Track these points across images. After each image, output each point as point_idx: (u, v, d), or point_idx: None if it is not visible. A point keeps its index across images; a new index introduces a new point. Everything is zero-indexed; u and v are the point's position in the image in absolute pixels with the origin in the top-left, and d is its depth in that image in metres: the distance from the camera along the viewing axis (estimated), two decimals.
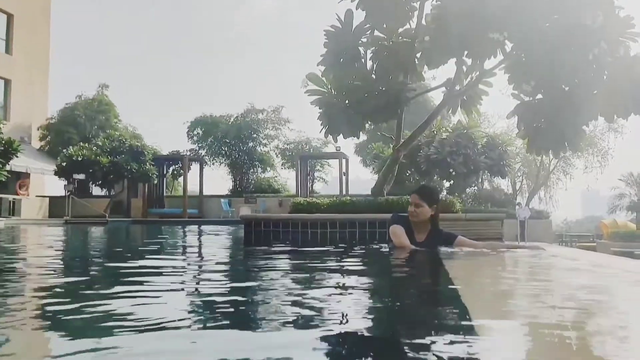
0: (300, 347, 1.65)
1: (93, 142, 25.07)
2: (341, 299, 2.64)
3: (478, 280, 3.50)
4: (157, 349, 1.63)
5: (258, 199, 25.08)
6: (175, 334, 1.82)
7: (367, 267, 4.59)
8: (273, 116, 31.03)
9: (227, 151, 30.47)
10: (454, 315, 2.18)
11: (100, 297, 2.71)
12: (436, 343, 1.65)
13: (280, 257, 5.49)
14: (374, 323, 2.06)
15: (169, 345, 1.68)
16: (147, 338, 1.76)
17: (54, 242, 9.14)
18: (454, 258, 4.56)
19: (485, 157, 18.48)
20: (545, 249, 5.36)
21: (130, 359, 1.51)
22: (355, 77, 9.41)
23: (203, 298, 2.73)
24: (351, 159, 27.16)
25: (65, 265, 5.03)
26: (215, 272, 4.26)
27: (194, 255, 6.39)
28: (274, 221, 7.79)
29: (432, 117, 10.56)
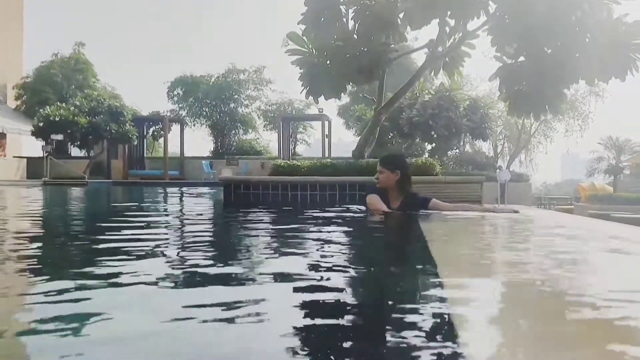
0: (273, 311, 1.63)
1: (71, 102, 24.54)
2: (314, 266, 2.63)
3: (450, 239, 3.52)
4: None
5: (240, 161, 24.92)
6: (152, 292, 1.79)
7: (341, 228, 4.60)
8: (255, 77, 30.59)
9: (208, 112, 30.09)
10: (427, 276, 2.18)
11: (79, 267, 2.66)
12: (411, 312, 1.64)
13: (259, 219, 5.48)
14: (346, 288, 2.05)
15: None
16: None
17: (33, 204, 9.01)
18: (430, 220, 4.59)
19: (467, 119, 18.50)
20: (519, 212, 5.42)
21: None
22: (337, 37, 9.24)
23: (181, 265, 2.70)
24: (334, 121, 27.02)
25: (43, 230, 4.96)
26: (194, 237, 4.22)
27: (173, 219, 6.34)
28: (254, 183, 7.75)
29: (414, 79, 10.47)
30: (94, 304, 1.70)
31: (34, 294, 1.91)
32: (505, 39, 8.77)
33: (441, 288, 1.88)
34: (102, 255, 2.87)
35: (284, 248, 3.27)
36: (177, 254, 3.01)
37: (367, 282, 2.21)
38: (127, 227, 4.62)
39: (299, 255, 2.91)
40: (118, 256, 2.74)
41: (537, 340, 1.34)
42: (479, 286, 1.99)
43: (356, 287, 2.11)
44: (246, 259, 2.78)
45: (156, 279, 2.12)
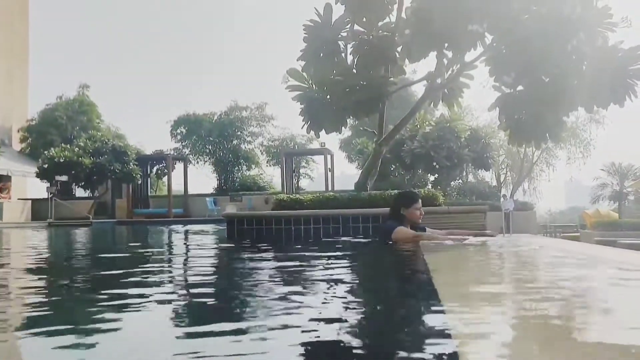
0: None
1: (75, 143, 24.75)
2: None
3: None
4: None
5: (244, 197, 24.94)
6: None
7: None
8: (257, 113, 30.88)
9: (212, 149, 30.29)
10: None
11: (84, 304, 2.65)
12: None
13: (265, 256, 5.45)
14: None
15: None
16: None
17: (37, 245, 9.00)
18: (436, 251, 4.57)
19: (469, 149, 18.56)
20: (495, 235, 5.89)
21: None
22: (336, 71, 9.36)
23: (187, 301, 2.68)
24: (336, 154, 27.13)
25: (46, 269, 4.95)
26: (198, 274, 4.20)
27: (177, 257, 6.32)
28: (257, 218, 7.74)
29: (414, 111, 10.55)
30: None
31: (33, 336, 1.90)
32: (502, 68, 8.86)
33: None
34: (102, 299, 2.85)
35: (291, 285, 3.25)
36: (179, 295, 2.99)
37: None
38: (130, 267, 4.61)
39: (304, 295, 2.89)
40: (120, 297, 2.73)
41: None
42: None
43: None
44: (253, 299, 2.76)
45: (162, 320, 2.11)
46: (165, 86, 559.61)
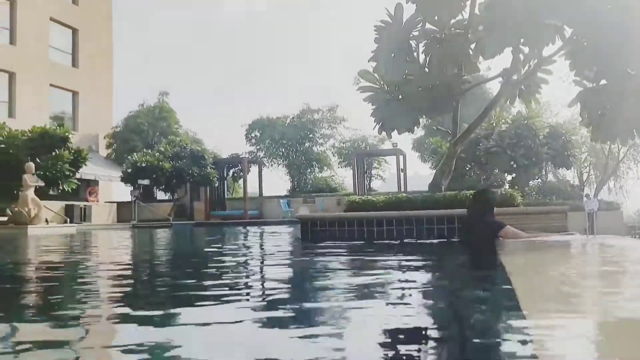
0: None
1: (156, 148, 25.89)
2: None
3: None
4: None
5: (316, 199, 25.17)
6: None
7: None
8: (328, 115, 31.11)
9: (285, 152, 30.80)
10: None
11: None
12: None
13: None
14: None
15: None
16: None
17: (128, 245, 9.50)
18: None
19: (548, 147, 17.83)
20: (576, 235, 6.09)
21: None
22: (408, 71, 9.27)
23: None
24: (409, 154, 26.85)
25: (137, 267, 5.21)
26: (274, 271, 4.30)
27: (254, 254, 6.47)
28: (330, 220, 7.80)
29: (489, 109, 10.27)
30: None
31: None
32: (583, 62, 8.47)
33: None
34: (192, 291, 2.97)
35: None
36: (262, 292, 3.07)
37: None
38: (213, 265, 4.77)
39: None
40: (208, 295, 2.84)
41: None
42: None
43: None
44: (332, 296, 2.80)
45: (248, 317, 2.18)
46: (240, 91, 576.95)
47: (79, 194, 24.89)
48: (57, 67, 29.30)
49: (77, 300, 2.90)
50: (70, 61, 30.68)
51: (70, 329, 2.01)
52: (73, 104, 30.41)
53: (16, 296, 3.07)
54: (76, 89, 30.26)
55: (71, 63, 30.65)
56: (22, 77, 26.94)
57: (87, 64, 31.08)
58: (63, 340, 1.83)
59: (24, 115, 25.76)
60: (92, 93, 31.16)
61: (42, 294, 3.19)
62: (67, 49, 30.50)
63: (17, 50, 26.93)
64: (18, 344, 1.80)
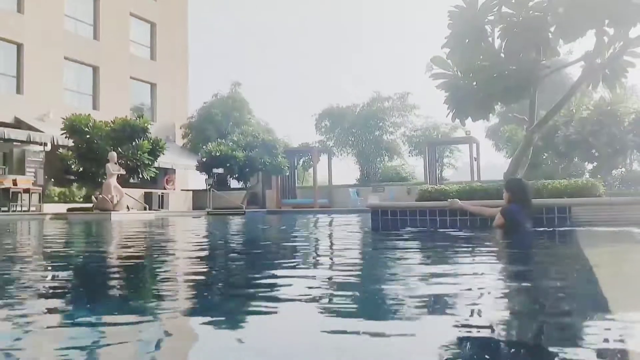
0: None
1: (229, 137, 26.58)
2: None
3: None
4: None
5: (386, 188, 25.04)
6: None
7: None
8: (399, 103, 30.78)
9: (354, 141, 30.78)
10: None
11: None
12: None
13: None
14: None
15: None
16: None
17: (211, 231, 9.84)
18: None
19: (634, 135, 16.85)
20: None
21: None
22: (483, 57, 8.99)
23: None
24: (482, 143, 26.13)
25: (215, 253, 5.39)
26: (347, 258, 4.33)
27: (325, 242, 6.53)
28: (401, 209, 7.74)
29: (569, 95, 9.80)
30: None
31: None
32: None
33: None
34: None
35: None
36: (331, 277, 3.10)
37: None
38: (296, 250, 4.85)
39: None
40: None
41: None
42: None
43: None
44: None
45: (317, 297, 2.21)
46: (311, 80, 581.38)
47: (157, 182, 26.03)
48: (137, 60, 30.60)
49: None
50: (149, 54, 31.94)
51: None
52: (151, 95, 31.71)
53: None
54: (154, 81, 31.50)
55: (149, 56, 31.91)
56: (105, 71, 28.34)
57: (165, 57, 32.26)
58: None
59: (106, 107, 27.15)
60: (169, 85, 32.35)
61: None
62: (145, 43, 31.78)
63: (100, 45, 28.33)
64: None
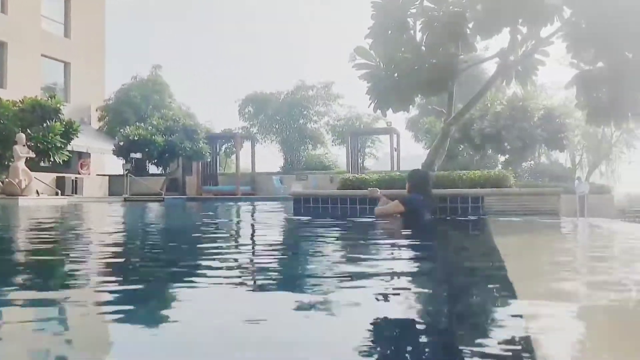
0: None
1: (148, 121, 25.71)
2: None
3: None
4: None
5: (309, 176, 25.17)
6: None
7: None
8: (323, 92, 30.92)
9: (278, 128, 30.67)
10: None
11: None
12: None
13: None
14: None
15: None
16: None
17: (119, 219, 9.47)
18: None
19: (542, 130, 17.85)
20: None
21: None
22: (405, 49, 9.18)
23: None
24: (402, 134, 26.77)
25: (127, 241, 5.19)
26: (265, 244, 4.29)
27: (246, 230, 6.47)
28: (323, 197, 7.79)
29: (484, 90, 10.22)
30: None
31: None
32: (581, 44, 8.42)
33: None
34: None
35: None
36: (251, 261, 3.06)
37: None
38: (206, 238, 4.75)
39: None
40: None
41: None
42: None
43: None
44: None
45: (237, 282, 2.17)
46: (233, 65, 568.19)
47: (70, 166, 24.76)
48: (49, 37, 28.89)
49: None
50: (62, 31, 30.24)
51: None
52: (65, 75, 30.08)
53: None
54: (68, 60, 29.89)
55: (63, 33, 30.22)
56: (13, 47, 26.56)
57: (80, 35, 30.65)
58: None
59: (14, 85, 25.47)
60: (84, 64, 30.79)
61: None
62: (59, 19, 30.05)
63: (8, 19, 26.49)
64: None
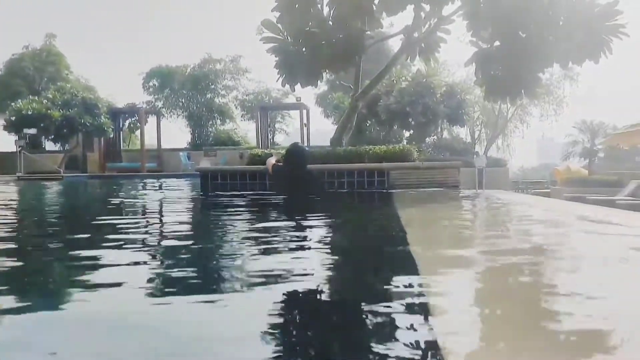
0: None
1: (43, 95, 24.02)
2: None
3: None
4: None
5: (218, 152, 24.67)
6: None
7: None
8: (231, 66, 30.22)
9: (185, 103, 29.72)
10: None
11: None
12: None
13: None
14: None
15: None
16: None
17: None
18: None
19: (444, 106, 18.55)
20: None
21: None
22: (312, 23, 9.16)
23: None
24: (312, 109, 26.85)
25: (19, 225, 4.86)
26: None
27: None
28: (231, 173, 7.69)
29: (390, 66, 10.46)
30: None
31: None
32: (480, 23, 8.78)
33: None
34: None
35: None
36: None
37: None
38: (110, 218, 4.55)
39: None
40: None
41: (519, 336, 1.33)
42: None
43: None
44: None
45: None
46: (137, 37, 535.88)
47: None
48: None
49: None
50: None
51: None
52: None
53: None
54: None
55: None
56: None
57: None
58: None
59: None
60: None
61: None
62: None
63: None
64: None
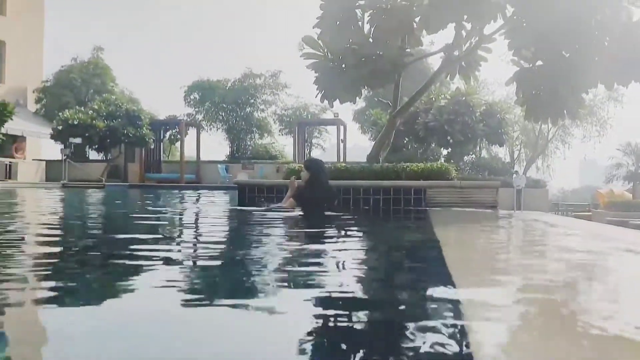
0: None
1: (89, 105, 24.79)
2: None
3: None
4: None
5: (255, 165, 24.95)
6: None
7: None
8: (271, 81, 30.60)
9: (225, 116, 30.20)
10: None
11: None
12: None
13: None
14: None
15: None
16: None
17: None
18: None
19: (484, 124, 18.34)
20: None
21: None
22: (352, 40, 9.22)
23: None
24: (349, 125, 26.90)
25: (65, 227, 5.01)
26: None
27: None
28: (267, 187, 7.75)
29: (429, 84, 10.42)
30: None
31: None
32: (522, 42, 8.69)
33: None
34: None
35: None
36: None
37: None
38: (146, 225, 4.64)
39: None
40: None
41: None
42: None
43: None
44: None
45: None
46: (180, 51, 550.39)
47: (4, 150, 23.62)
48: None
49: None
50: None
51: None
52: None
53: None
54: (3, 38, 28.41)
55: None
56: None
57: (16, 12, 29.17)
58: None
59: None
60: (21, 43, 29.34)
61: None
62: None
63: None
64: None
